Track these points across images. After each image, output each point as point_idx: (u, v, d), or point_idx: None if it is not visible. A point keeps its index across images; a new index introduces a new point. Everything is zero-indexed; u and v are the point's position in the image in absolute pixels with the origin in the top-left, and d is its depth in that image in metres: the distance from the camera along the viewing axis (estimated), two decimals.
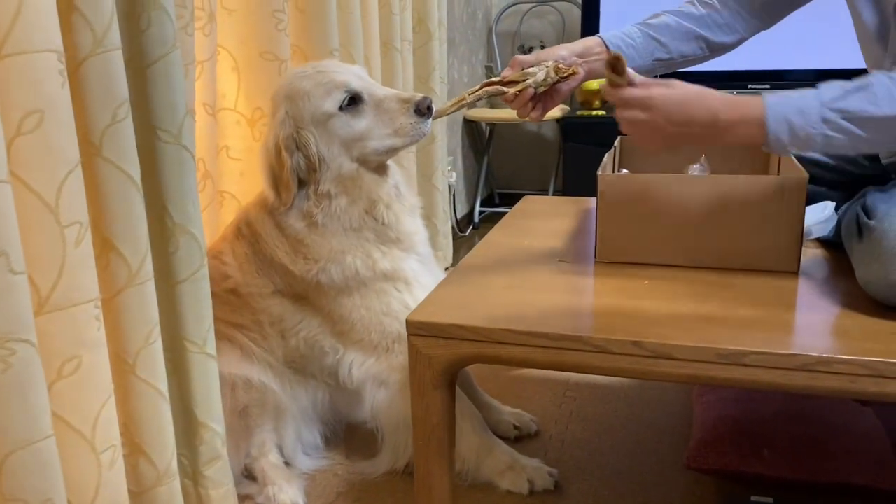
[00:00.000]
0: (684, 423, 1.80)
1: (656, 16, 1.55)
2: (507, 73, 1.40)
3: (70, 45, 1.07)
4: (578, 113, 3.41)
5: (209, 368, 1.34)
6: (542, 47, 3.62)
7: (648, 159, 1.78)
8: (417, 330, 1.22)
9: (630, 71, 1.23)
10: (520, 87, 1.38)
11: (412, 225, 1.58)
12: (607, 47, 1.47)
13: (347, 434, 1.80)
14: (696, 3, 1.56)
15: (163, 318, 1.27)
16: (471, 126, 3.80)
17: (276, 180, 1.47)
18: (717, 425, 1.62)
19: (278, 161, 1.45)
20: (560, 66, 1.39)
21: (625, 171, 1.75)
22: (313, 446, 1.73)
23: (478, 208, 3.78)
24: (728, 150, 1.72)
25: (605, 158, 1.55)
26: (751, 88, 3.22)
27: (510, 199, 3.90)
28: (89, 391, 1.14)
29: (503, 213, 1.64)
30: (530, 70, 1.39)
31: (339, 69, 1.49)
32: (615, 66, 1.22)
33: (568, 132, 3.36)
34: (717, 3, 1.53)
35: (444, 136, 2.84)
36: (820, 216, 1.49)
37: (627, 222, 1.41)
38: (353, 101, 1.45)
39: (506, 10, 3.89)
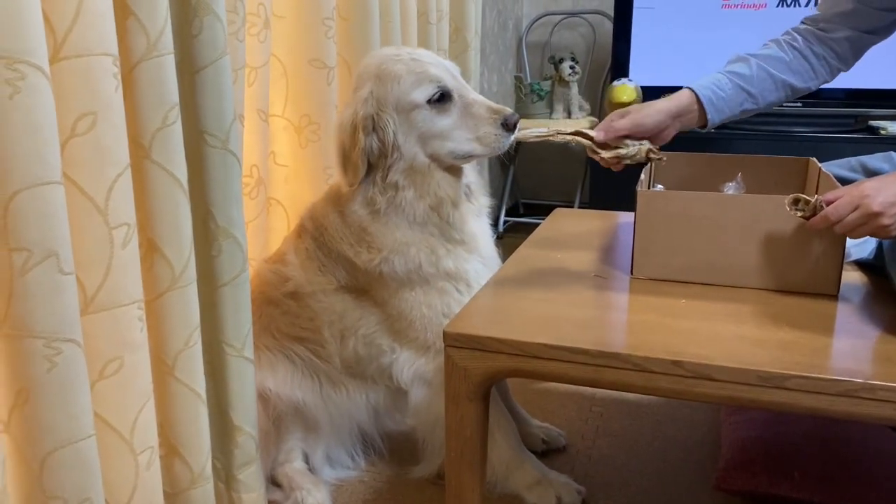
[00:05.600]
0: (712, 442, 1.79)
1: (741, 59, 1.51)
2: (601, 137, 1.41)
3: (124, 49, 1.09)
4: None
5: (246, 372, 1.35)
6: (573, 59, 3.63)
7: (683, 175, 1.78)
8: (454, 342, 1.22)
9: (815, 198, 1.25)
10: (612, 154, 1.42)
11: (478, 227, 1.56)
12: (700, 103, 1.46)
13: (379, 446, 1.79)
14: (782, 44, 1.52)
15: (203, 320, 1.28)
16: None
17: (345, 158, 1.45)
18: (748, 446, 1.61)
19: (351, 139, 1.42)
20: (652, 152, 1.41)
21: (660, 186, 1.74)
22: (340, 462, 1.73)
23: (503, 218, 3.78)
24: (764, 169, 1.72)
25: (641, 174, 1.55)
26: (782, 106, 3.19)
27: (535, 210, 3.90)
28: (130, 392, 1.15)
29: (528, 224, 1.64)
30: (626, 142, 1.42)
31: (434, 61, 1.46)
32: (798, 200, 1.27)
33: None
34: (803, 47, 1.51)
35: None
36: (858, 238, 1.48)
37: (665, 239, 1.40)
38: (443, 97, 1.42)
39: (536, 20, 3.89)
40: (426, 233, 1.48)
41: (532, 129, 1.43)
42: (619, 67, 3.30)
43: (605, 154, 1.42)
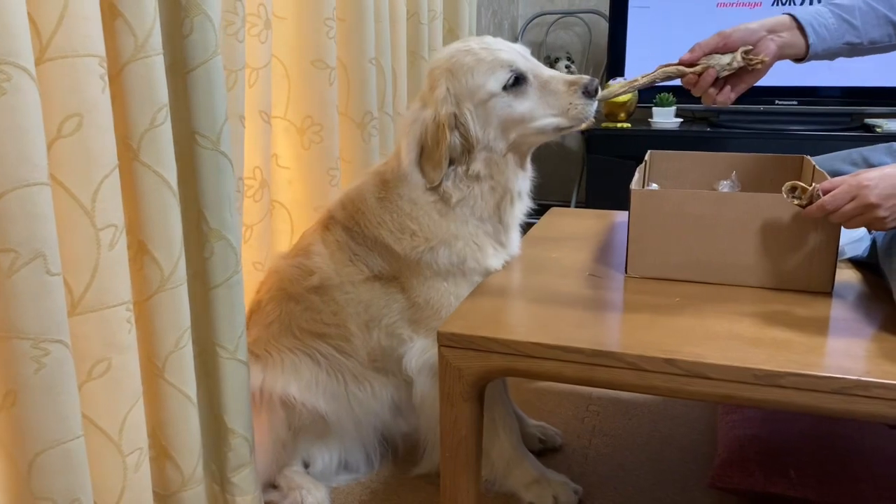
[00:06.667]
0: (708, 440, 1.79)
1: None
2: (687, 57, 1.36)
3: (112, 50, 1.08)
4: (603, 125, 3.39)
5: (240, 374, 1.34)
6: (569, 58, 3.62)
7: (677, 174, 1.77)
8: (448, 341, 1.21)
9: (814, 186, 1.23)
10: (700, 68, 1.34)
11: (517, 234, 1.57)
12: (801, 26, 1.39)
13: (398, 447, 1.77)
14: None
15: (195, 322, 1.27)
16: None
17: (426, 157, 1.43)
18: (743, 444, 1.60)
19: (435, 138, 1.40)
20: (749, 53, 1.34)
21: (654, 185, 1.74)
22: (354, 467, 1.71)
23: None
24: (758, 167, 1.71)
25: (636, 173, 1.54)
26: (778, 104, 3.20)
27: (531, 210, 3.89)
28: (118, 393, 1.14)
29: (524, 224, 1.63)
30: (714, 55, 1.35)
31: (503, 46, 1.43)
32: (795, 188, 1.24)
33: (592, 144, 3.34)
34: None
35: None
36: (853, 235, 1.47)
37: (659, 238, 1.40)
38: (518, 81, 1.40)
39: (532, 20, 3.88)
40: (480, 230, 1.48)
41: (610, 88, 1.41)
42: (615, 67, 3.30)
43: (695, 69, 1.35)
